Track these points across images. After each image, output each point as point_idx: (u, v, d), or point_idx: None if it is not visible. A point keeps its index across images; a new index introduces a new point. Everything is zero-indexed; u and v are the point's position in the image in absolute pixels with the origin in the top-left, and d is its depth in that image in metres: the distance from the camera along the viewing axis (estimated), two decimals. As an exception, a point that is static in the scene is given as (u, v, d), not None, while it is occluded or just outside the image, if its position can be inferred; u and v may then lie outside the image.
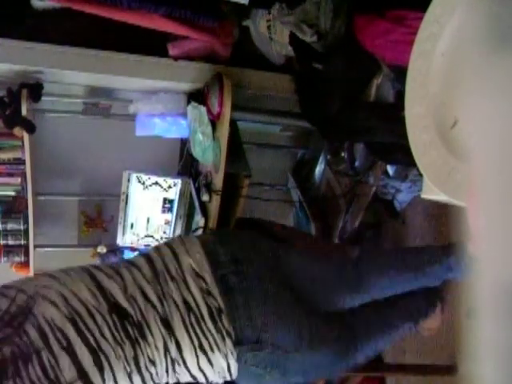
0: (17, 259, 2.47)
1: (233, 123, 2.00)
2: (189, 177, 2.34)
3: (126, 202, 2.33)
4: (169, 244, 1.30)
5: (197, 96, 2.13)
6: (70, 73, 2.00)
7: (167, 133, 2.26)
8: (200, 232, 2.03)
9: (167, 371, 1.12)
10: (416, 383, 1.86)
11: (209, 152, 1.97)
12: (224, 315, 1.15)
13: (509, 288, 0.33)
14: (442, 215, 1.81)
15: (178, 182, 2.31)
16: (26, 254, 2.43)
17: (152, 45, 2.00)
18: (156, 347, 1.10)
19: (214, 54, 2.05)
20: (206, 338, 1.13)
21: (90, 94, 2.30)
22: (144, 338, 1.09)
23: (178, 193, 2.32)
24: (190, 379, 1.17)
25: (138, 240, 2.44)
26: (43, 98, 2.11)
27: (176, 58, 2.03)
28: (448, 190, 0.93)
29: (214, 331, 1.14)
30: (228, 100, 1.86)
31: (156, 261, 1.22)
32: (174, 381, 1.16)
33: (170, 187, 2.31)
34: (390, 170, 1.91)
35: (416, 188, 1.84)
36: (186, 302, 1.15)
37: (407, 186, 1.86)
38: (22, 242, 2.41)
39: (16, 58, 1.91)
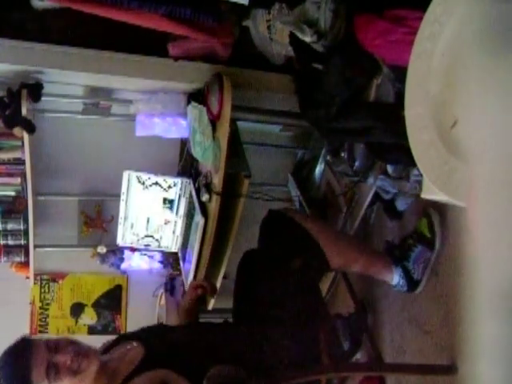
0: (17, 259, 2.47)
1: (233, 123, 2.00)
2: (189, 177, 2.34)
3: (126, 202, 2.33)
4: None
5: (197, 96, 2.13)
6: (69, 73, 2.00)
7: (167, 133, 2.26)
8: (200, 233, 2.03)
9: None
10: (416, 383, 1.86)
11: (209, 152, 1.97)
12: None
13: (508, 288, 0.33)
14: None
15: (178, 181, 2.31)
16: (26, 254, 2.43)
17: (152, 45, 2.00)
18: None
19: (214, 53, 2.05)
20: None
21: (90, 94, 2.30)
22: None
23: (177, 193, 2.32)
24: None
25: (138, 240, 2.44)
26: (43, 98, 2.11)
27: (176, 58, 2.03)
28: (448, 190, 0.94)
29: None
30: (228, 100, 1.86)
31: None
32: None
33: (169, 187, 2.31)
34: (390, 169, 1.91)
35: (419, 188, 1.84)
36: None
37: (412, 188, 1.86)
38: (22, 241, 2.41)
39: (16, 58, 1.91)
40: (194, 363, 1.27)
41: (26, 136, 2.07)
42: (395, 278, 1.84)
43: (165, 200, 2.34)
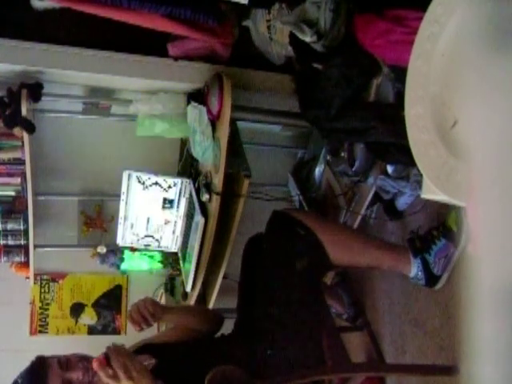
0: (17, 259, 2.47)
1: (233, 123, 2.00)
2: (189, 177, 2.34)
3: (126, 202, 2.32)
4: None
5: (197, 96, 2.13)
6: (69, 73, 2.00)
7: (167, 133, 2.26)
8: (200, 233, 2.03)
9: None
10: (416, 383, 1.87)
11: (209, 152, 1.97)
12: None
13: (508, 288, 0.33)
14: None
15: (178, 181, 2.31)
16: (26, 254, 2.44)
17: (152, 45, 2.00)
18: None
19: (214, 54, 2.05)
20: None
21: (90, 94, 2.30)
22: None
23: (177, 193, 2.32)
24: None
25: (138, 240, 2.44)
26: (43, 98, 2.11)
27: (176, 58, 2.03)
28: (448, 190, 0.94)
29: None
30: (228, 100, 1.86)
31: None
32: None
33: (169, 187, 2.31)
34: (390, 169, 1.91)
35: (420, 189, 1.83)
36: None
37: (412, 188, 1.86)
38: (22, 242, 2.41)
39: (16, 58, 1.91)
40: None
41: (25, 136, 2.06)
42: (413, 270, 1.73)
43: (165, 200, 2.34)
